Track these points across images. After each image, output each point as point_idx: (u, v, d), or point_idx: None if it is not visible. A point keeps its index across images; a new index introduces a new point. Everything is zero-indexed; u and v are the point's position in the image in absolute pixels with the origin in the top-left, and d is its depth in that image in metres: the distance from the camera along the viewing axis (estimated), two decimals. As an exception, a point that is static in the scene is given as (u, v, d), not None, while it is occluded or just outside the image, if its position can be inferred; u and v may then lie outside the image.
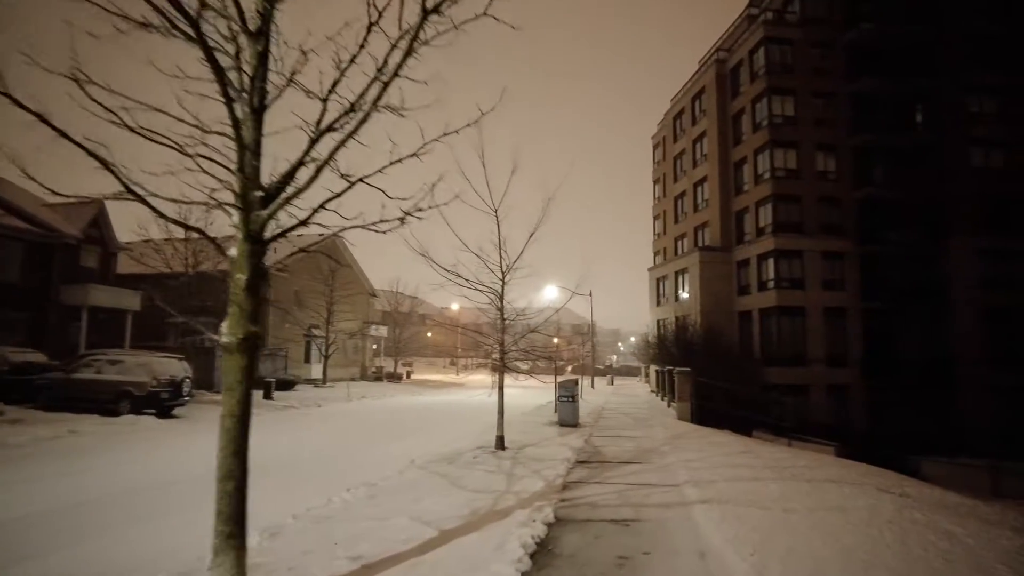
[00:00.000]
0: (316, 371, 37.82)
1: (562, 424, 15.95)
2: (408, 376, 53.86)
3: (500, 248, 10.63)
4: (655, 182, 47.59)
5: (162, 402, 18.01)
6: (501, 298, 10.69)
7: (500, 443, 10.90)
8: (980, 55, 30.88)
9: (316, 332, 37.43)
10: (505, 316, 10.84)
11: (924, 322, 29.55)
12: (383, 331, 50.64)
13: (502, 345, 10.78)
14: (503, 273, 10.71)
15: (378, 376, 47.75)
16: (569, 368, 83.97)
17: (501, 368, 10.94)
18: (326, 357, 35.71)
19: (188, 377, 19.04)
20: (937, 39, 30.72)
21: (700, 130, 38.02)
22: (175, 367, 18.74)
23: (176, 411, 19.33)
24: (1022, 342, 28.98)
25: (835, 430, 26.02)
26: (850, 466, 12.90)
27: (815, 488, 8.95)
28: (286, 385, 31.30)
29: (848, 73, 31.07)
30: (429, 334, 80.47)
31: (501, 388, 11.00)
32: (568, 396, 15.93)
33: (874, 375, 28.86)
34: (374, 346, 57.60)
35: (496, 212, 10.57)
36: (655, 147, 48.00)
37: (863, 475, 11.72)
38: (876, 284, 29.64)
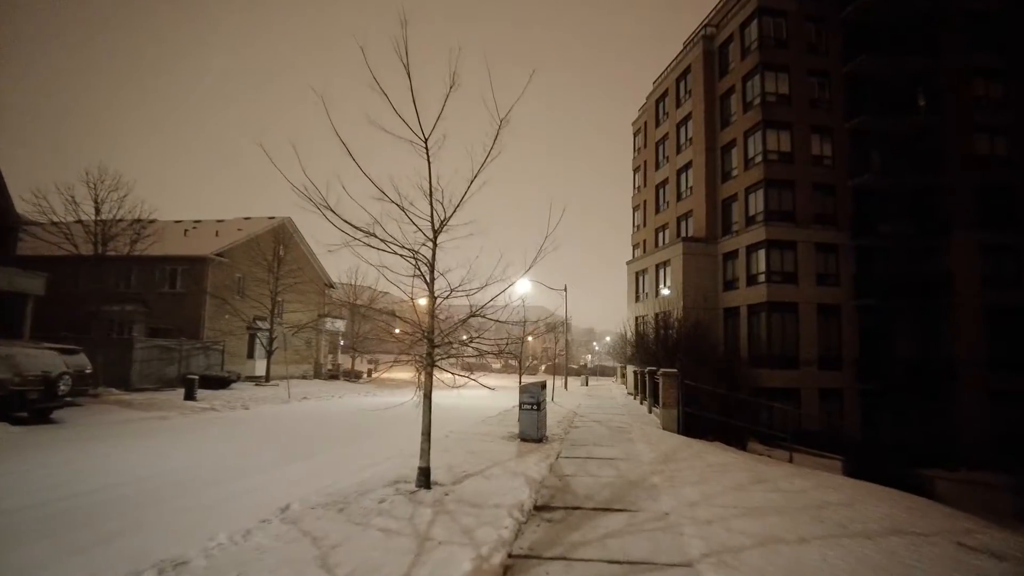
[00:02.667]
0: (261, 367, 34.20)
1: (523, 439, 12.81)
2: (369, 374, 50.44)
3: (430, 194, 7.46)
4: (635, 170, 44.75)
5: (30, 404, 14.48)
6: (431, 266, 7.50)
7: (424, 479, 7.64)
8: (984, 36, 28.58)
9: (261, 325, 33.78)
10: (436, 294, 7.64)
11: (923, 321, 27.12)
12: (340, 325, 47.03)
13: (430, 334, 7.58)
14: (434, 230, 7.53)
15: (334, 374, 44.21)
16: (542, 368, 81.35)
17: (428, 368, 7.73)
18: (269, 352, 32.09)
19: (66, 373, 15.45)
20: (940, 17, 28.27)
21: (685, 112, 35.23)
22: (49, 361, 15.17)
23: (57, 414, 15.85)
24: (1020, 345, 26.78)
25: (830, 438, 23.51)
26: (886, 497, 10.04)
27: (882, 550, 5.98)
28: (220, 383, 27.70)
29: (845, 51, 28.49)
30: (397, 330, 76.96)
31: (428, 397, 7.77)
32: (531, 403, 12.78)
33: (869, 378, 26.34)
34: (342, 342, 54.02)
35: (426, 142, 7.39)
36: (636, 134, 45.18)
37: (912, 513, 8.85)
38: (872, 279, 27.09)
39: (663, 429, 17.22)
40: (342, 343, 54.72)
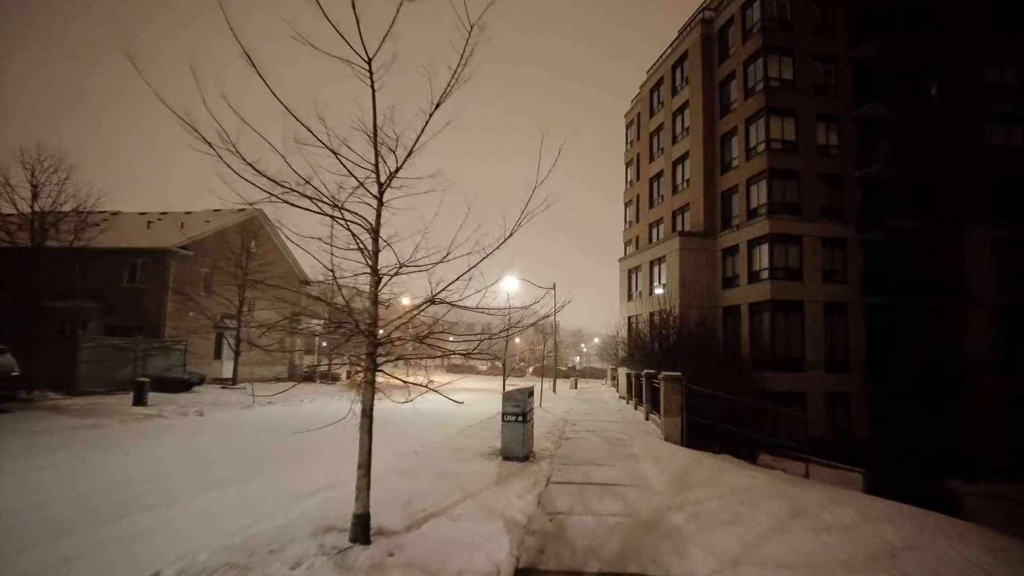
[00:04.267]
0: (229, 369, 31.88)
1: (506, 457, 10.76)
2: (349, 376, 48.21)
3: (374, 135, 5.42)
4: (627, 165, 42.84)
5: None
6: (374, 232, 5.45)
7: (360, 529, 5.50)
8: (998, 19, 26.95)
9: (230, 324, 31.47)
10: (382, 270, 5.60)
11: (935, 322, 25.38)
12: (317, 325, 44.70)
13: (371, 327, 5.54)
14: (379, 184, 5.49)
15: (309, 376, 41.95)
16: (529, 370, 79.42)
17: (368, 373, 5.68)
18: (237, 353, 29.80)
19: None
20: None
21: (681, 101, 33.38)
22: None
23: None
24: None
25: (839, 446, 21.70)
26: (951, 532, 8.12)
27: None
28: (180, 386, 25.42)
29: (853, 34, 26.74)
30: (381, 331, 74.65)
31: (367, 414, 5.70)
32: (516, 414, 10.73)
33: (878, 382, 24.57)
34: (323, 343, 51.58)
35: (369, 64, 5.34)
36: (628, 126, 43.28)
37: (995, 556, 6.94)
38: (881, 277, 25.35)
39: (665, 440, 15.28)
40: (323, 344, 52.39)
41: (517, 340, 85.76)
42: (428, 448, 12.34)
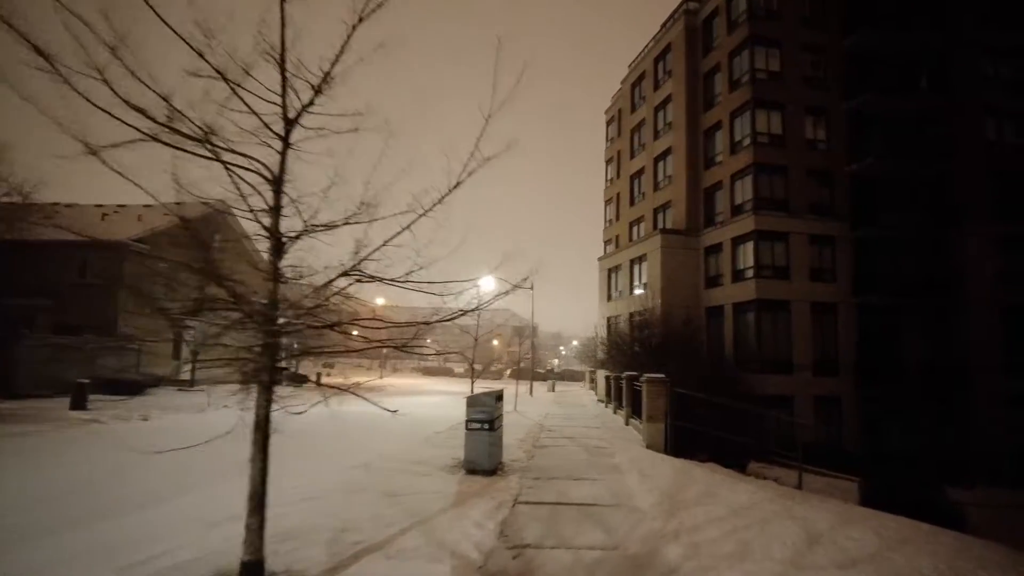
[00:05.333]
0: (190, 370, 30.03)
1: (470, 470, 9.39)
2: (318, 379, 46.42)
3: (281, 57, 4.06)
4: (608, 162, 41.77)
5: None
6: (277, 182, 4.08)
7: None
8: (995, 9, 26.31)
9: (190, 322, 29.60)
10: (284, 234, 4.23)
11: (930, 322, 24.52)
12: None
13: (270, 309, 4.18)
14: (287, 120, 4.13)
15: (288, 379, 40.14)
16: (507, 372, 78.03)
17: (265, 371, 4.31)
18: (194, 353, 27.94)
19: None
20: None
21: (664, 95, 32.33)
22: None
23: None
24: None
25: (830, 452, 20.69)
26: (984, 560, 6.95)
27: None
28: (131, 388, 23.63)
29: (843, 23, 25.88)
30: (355, 332, 72.88)
31: (262, 427, 4.31)
32: (482, 421, 9.37)
33: (869, 384, 23.63)
34: (295, 345, 49.58)
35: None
36: (609, 123, 42.23)
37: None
38: (873, 275, 24.43)
39: (648, 448, 14.04)
40: (295, 345, 50.56)
41: (495, 342, 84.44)
42: (384, 460, 10.94)
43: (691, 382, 16.88)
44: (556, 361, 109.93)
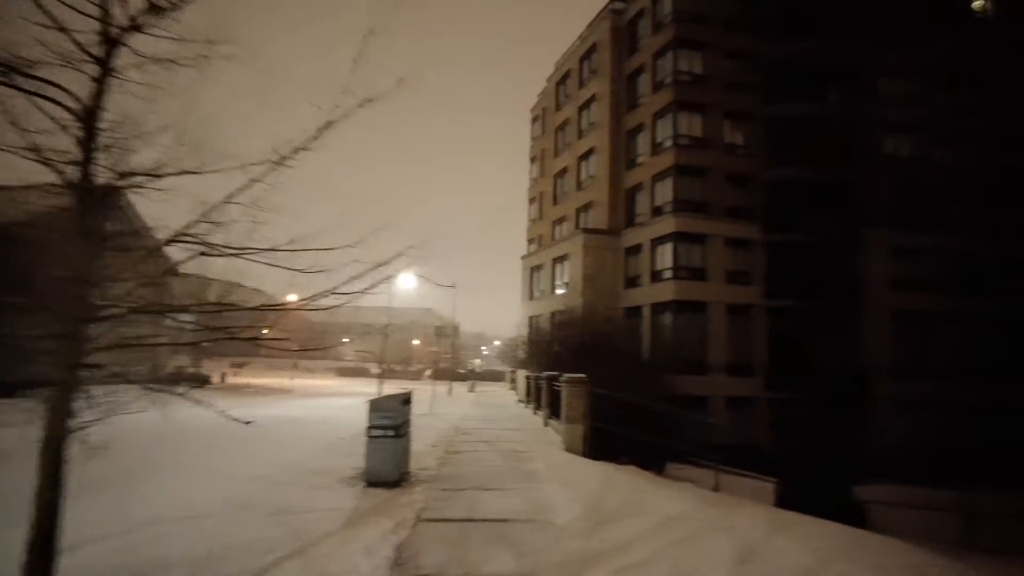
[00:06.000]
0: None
1: (371, 482, 8.37)
2: (223, 379, 43.64)
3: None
4: (532, 160, 41.43)
5: None
6: (89, 118, 2.99)
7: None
8: (897, 31, 27.72)
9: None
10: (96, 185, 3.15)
11: (836, 325, 25.46)
12: (187, 320, 39.84)
13: (79, 288, 3.09)
14: (107, 39, 3.04)
15: (174, 379, 37.11)
16: (427, 373, 76.43)
17: (68, 373, 3.21)
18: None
19: None
20: (858, 9, 26.96)
21: (588, 94, 32.20)
22: None
23: None
24: (932, 351, 25.92)
25: (742, 453, 20.95)
26: (910, 566, 6.68)
27: None
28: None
29: (765, 32, 26.44)
30: (265, 330, 69.22)
31: (54, 443, 3.20)
32: (385, 428, 8.37)
33: (780, 385, 24.23)
34: (204, 344, 46.17)
35: None
36: (534, 120, 41.89)
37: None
38: (785, 279, 25.09)
39: (567, 450, 13.40)
40: (203, 344, 47.19)
41: (416, 341, 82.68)
42: (280, 470, 9.73)
43: (611, 382, 16.45)
44: (478, 361, 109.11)
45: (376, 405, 8.55)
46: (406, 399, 9.28)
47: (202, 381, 38.52)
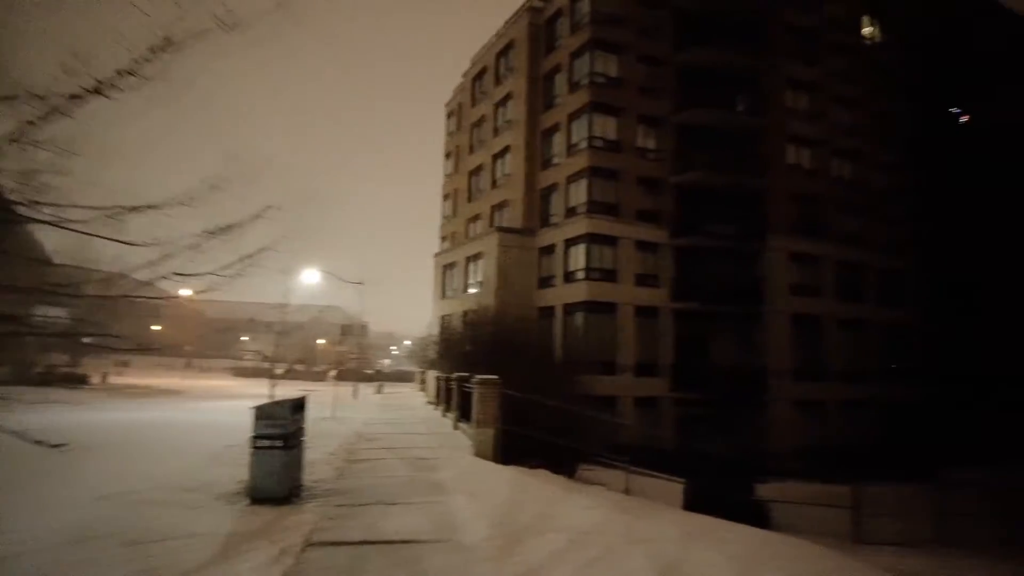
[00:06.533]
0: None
1: (256, 499, 7.41)
2: (104, 379, 39.93)
3: None
4: (447, 156, 40.64)
5: None
6: None
7: None
8: (800, 47, 29.30)
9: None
10: None
11: (739, 328, 26.45)
12: (59, 315, 36.07)
13: None
14: None
15: (45, 379, 33.47)
16: (332, 374, 73.59)
17: None
18: (-89, 349, 21.89)
19: None
20: (766, 24, 28.17)
21: (505, 92, 31.86)
22: None
23: None
24: (824, 353, 27.47)
25: (649, 452, 21.20)
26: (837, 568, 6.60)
27: None
28: None
29: (678, 40, 27.05)
30: (157, 327, 64.18)
31: None
32: (273, 438, 7.44)
33: (685, 386, 24.82)
34: (86, 340, 41.77)
35: None
36: (449, 115, 41.12)
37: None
38: (691, 282, 25.76)
39: (477, 455, 12.83)
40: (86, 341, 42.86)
41: (321, 341, 79.42)
42: (151, 486, 8.50)
43: (523, 384, 16.05)
44: (387, 361, 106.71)
45: (263, 412, 7.59)
46: (299, 404, 8.36)
47: (78, 381, 34.99)
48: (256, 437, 7.49)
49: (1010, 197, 34.38)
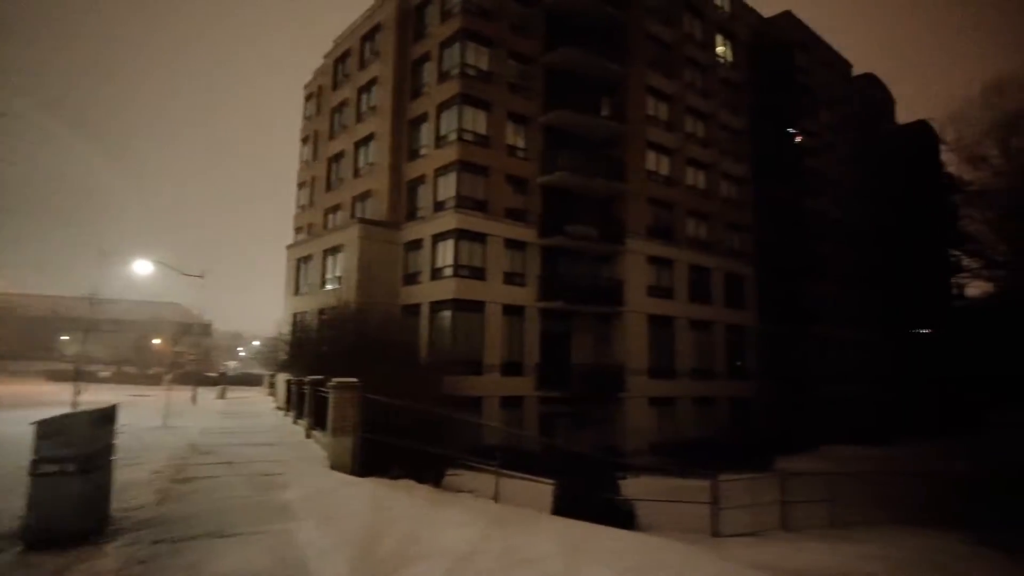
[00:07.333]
0: None
1: (36, 541, 5.70)
2: None
3: None
4: (304, 141, 37.89)
5: None
6: None
7: None
8: (660, 58, 30.64)
9: None
10: None
11: (600, 327, 27.03)
12: None
13: None
14: None
15: None
16: (168, 377, 66.47)
17: None
18: None
19: None
20: (629, 32, 29.07)
21: (370, 76, 30.15)
22: None
23: None
24: (676, 352, 28.84)
25: (515, 453, 20.82)
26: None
27: None
28: None
29: (548, 40, 27.03)
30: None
31: None
32: (63, 461, 5.77)
33: (549, 385, 24.82)
34: None
35: None
36: (308, 98, 38.38)
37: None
38: (557, 282, 25.84)
39: (333, 468, 11.57)
40: None
41: (157, 340, 71.20)
42: None
43: (386, 387, 14.85)
44: (233, 364, 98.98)
45: (50, 428, 5.88)
46: (105, 416, 6.67)
47: None
48: (38, 461, 5.77)
49: (832, 213, 38.72)
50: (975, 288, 34.65)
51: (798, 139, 35.74)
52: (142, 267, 25.49)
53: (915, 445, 31.06)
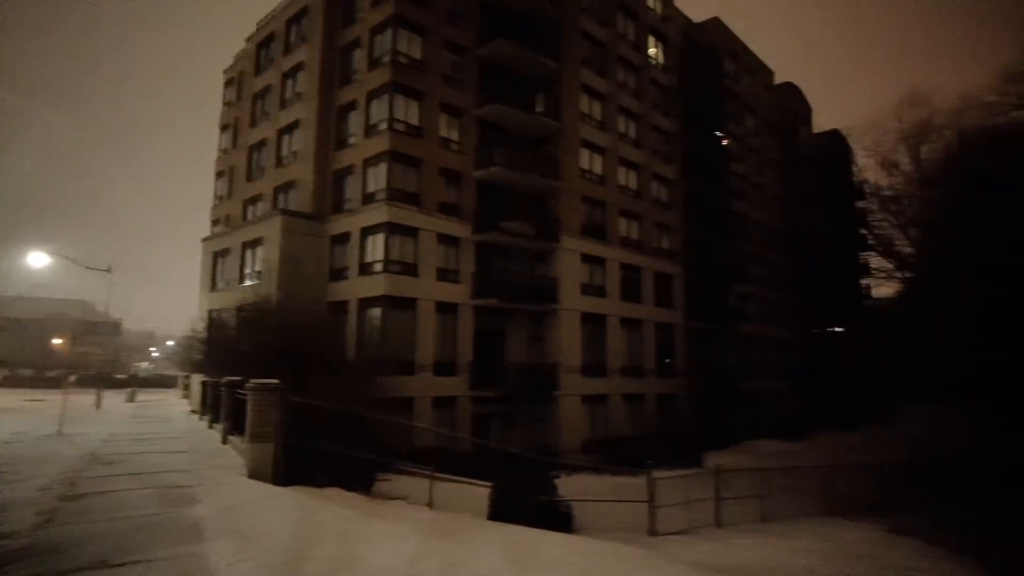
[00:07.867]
0: None
1: None
2: None
3: None
4: (223, 128, 35.71)
5: None
6: None
7: None
8: (594, 57, 30.70)
9: None
10: None
11: (534, 325, 26.77)
12: None
13: None
14: None
15: None
16: (72, 379, 61.48)
17: None
18: None
19: None
20: (564, 28, 28.93)
21: (295, 61, 28.64)
22: None
23: None
24: (608, 350, 28.97)
25: (447, 455, 20.19)
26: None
27: None
28: None
29: (483, 32, 26.45)
30: None
31: None
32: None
33: (482, 384, 24.31)
34: None
35: None
36: (227, 84, 36.21)
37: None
38: (491, 279, 25.33)
39: (252, 477, 10.63)
40: None
41: (58, 340, 65.74)
42: None
43: (311, 388, 13.92)
44: (145, 364, 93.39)
45: None
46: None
47: None
48: None
49: (755, 216, 40.13)
50: (887, 288, 36.78)
51: (724, 143, 36.77)
52: (37, 259, 23.22)
53: (832, 438, 32.63)
